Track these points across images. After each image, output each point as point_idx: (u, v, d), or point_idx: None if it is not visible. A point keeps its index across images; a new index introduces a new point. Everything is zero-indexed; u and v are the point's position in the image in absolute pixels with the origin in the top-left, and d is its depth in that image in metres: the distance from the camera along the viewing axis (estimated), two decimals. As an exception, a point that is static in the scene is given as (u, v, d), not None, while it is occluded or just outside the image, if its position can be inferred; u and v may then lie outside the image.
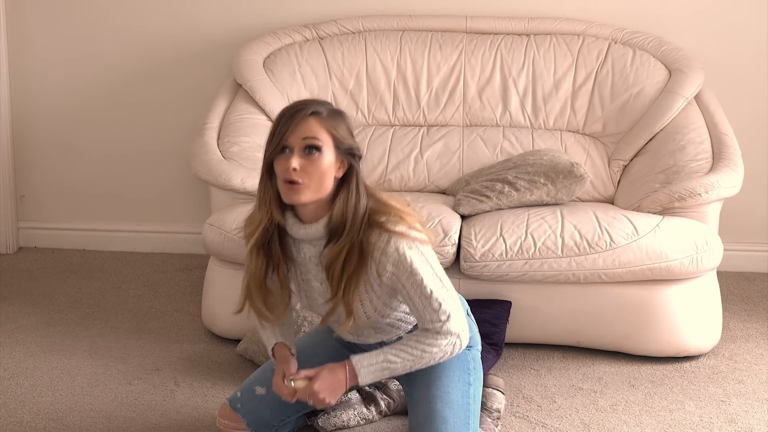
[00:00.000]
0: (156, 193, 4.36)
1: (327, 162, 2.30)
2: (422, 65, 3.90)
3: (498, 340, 3.22)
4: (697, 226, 3.26)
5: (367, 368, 2.38)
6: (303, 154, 2.29)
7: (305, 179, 2.29)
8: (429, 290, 2.34)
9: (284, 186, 2.31)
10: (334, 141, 2.32)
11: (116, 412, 2.97)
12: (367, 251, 2.33)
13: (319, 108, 2.33)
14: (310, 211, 2.36)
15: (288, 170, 2.28)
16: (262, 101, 3.79)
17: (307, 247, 2.42)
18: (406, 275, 2.33)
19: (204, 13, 4.16)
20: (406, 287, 2.35)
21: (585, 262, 3.18)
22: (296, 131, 2.29)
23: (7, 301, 3.79)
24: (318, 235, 2.37)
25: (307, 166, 2.29)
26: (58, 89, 4.29)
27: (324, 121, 2.31)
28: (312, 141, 2.29)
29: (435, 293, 2.34)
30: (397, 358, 2.38)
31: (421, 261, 2.34)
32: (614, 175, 3.73)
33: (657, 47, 3.87)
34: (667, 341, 3.27)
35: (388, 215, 2.34)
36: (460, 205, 3.43)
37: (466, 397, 2.53)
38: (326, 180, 2.31)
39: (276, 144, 2.30)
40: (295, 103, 2.35)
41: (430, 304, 2.34)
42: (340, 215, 2.33)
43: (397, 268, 2.32)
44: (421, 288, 2.33)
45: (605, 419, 2.94)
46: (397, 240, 2.32)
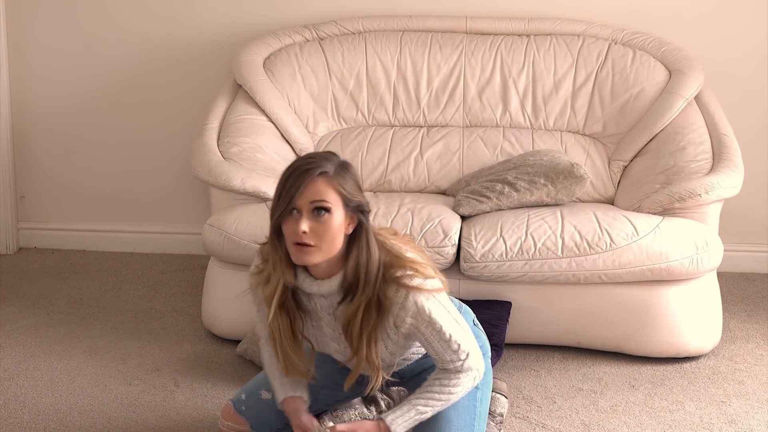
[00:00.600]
0: (156, 194, 4.35)
1: (337, 222, 2.27)
2: (422, 66, 3.90)
3: (498, 341, 3.22)
4: (697, 227, 3.26)
5: (402, 425, 2.38)
6: (312, 216, 2.26)
7: (315, 241, 2.26)
8: (448, 335, 2.35)
9: (294, 248, 2.28)
10: (343, 199, 2.29)
11: (116, 412, 2.97)
12: (385, 306, 2.33)
13: (326, 166, 2.28)
14: (322, 269, 2.34)
15: (297, 233, 2.25)
16: (262, 102, 3.78)
17: (319, 299, 2.41)
18: (425, 325, 2.34)
19: (204, 13, 4.16)
20: (425, 335, 2.36)
21: (585, 262, 3.18)
22: (304, 194, 2.25)
23: (7, 301, 3.79)
24: (332, 291, 2.36)
25: (317, 228, 2.26)
26: (59, 90, 4.29)
27: (332, 180, 2.28)
28: (321, 204, 2.26)
29: (454, 337, 2.36)
30: (427, 408, 2.39)
31: (439, 310, 2.35)
32: (614, 175, 3.73)
33: (657, 48, 3.87)
34: (668, 342, 3.27)
35: (403, 269, 2.32)
36: (460, 206, 3.43)
37: (472, 399, 2.52)
38: (337, 240, 2.29)
39: (284, 206, 2.26)
40: (301, 160, 2.31)
41: (450, 346, 2.36)
42: (353, 272, 2.32)
43: (416, 320, 2.33)
44: (441, 334, 2.35)
45: (605, 420, 2.94)
46: (414, 294, 2.31)
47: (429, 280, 2.35)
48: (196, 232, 3.93)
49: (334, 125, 3.92)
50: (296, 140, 3.80)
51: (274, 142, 3.73)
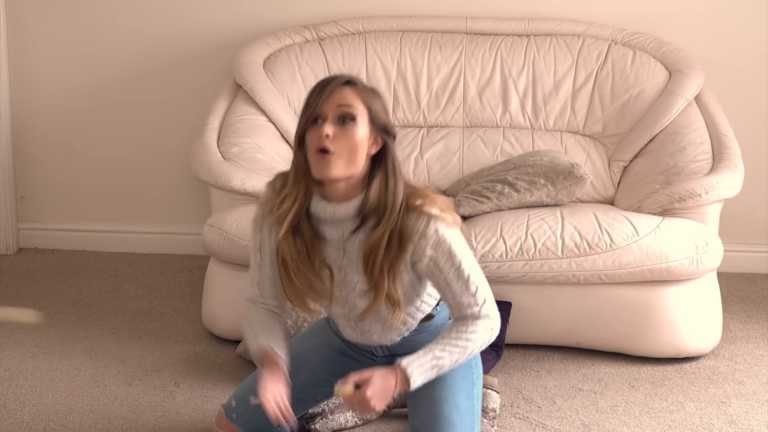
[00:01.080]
0: (156, 194, 4.35)
1: (361, 134, 2.22)
2: (422, 66, 3.90)
3: (498, 341, 3.22)
4: (697, 227, 3.26)
5: (418, 369, 2.28)
6: (337, 123, 2.21)
7: (337, 148, 2.20)
8: (467, 274, 2.27)
9: (315, 157, 2.21)
10: (369, 114, 2.25)
11: (116, 413, 2.97)
12: (406, 236, 2.24)
13: (355, 80, 2.27)
14: (340, 189, 2.26)
15: (321, 137, 2.19)
16: (262, 102, 3.78)
17: (329, 230, 2.32)
18: (446, 258, 2.26)
19: (204, 13, 4.16)
20: (444, 271, 2.27)
21: (585, 263, 3.18)
22: (330, 99, 2.22)
23: (7, 302, 3.79)
24: (347, 216, 2.28)
25: (341, 135, 2.20)
26: (59, 90, 4.29)
27: (359, 92, 2.25)
28: (347, 109, 2.22)
29: (472, 277, 2.28)
30: (444, 353, 2.29)
31: (460, 243, 2.28)
32: (614, 176, 3.73)
33: (657, 48, 3.87)
34: (668, 342, 3.27)
35: (423, 198, 2.26)
36: (460, 206, 3.43)
37: (470, 398, 2.49)
38: (359, 153, 2.23)
39: (309, 113, 2.22)
40: (329, 75, 2.30)
41: (468, 288, 2.28)
42: (376, 197, 2.25)
43: (436, 251, 2.25)
44: (460, 271, 2.27)
45: (605, 420, 2.94)
46: (436, 222, 2.24)
47: (448, 214, 2.28)
48: (196, 233, 3.93)
49: (334, 125, 3.91)
50: (296, 140, 3.79)
51: (274, 142, 3.73)
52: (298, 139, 2.26)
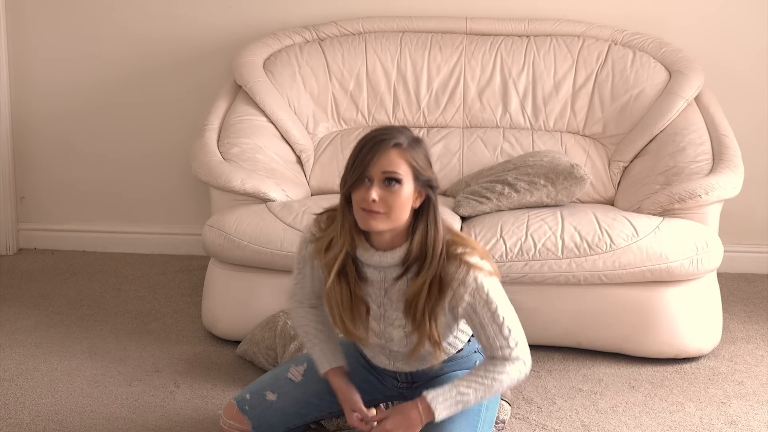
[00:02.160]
0: (156, 195, 4.35)
1: (406, 193, 2.31)
2: (422, 67, 3.90)
3: (498, 342, 3.22)
4: (697, 228, 3.26)
5: (443, 404, 2.37)
6: (383, 186, 2.30)
7: (384, 209, 2.30)
8: (502, 318, 2.37)
9: (361, 213, 2.32)
10: (414, 172, 2.33)
11: (116, 413, 2.97)
12: (446, 283, 2.35)
13: (401, 138, 2.32)
14: (386, 239, 2.38)
15: (367, 200, 2.29)
16: (262, 103, 3.78)
17: (372, 272, 2.43)
18: (482, 304, 2.35)
19: (204, 14, 4.16)
20: (480, 316, 2.37)
21: (585, 263, 3.18)
22: (378, 163, 2.30)
23: (7, 302, 3.79)
24: (393, 263, 2.39)
25: (387, 197, 2.30)
26: (59, 90, 4.29)
27: (405, 152, 2.32)
28: (393, 174, 2.30)
29: (506, 321, 2.38)
30: (469, 389, 2.38)
31: (497, 290, 2.38)
32: (614, 176, 3.73)
33: (657, 49, 3.87)
34: (668, 343, 3.27)
35: (464, 246, 2.36)
36: (460, 207, 3.43)
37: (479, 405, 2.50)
38: (404, 211, 2.33)
39: (357, 175, 2.30)
40: (376, 131, 2.35)
41: (501, 331, 2.38)
42: (419, 247, 2.35)
43: (474, 297, 2.35)
44: (495, 316, 2.36)
45: (605, 421, 2.94)
46: (475, 271, 2.34)
47: (486, 261, 2.38)
48: (196, 233, 3.93)
49: (334, 126, 3.92)
50: (296, 141, 3.80)
51: (274, 142, 3.73)
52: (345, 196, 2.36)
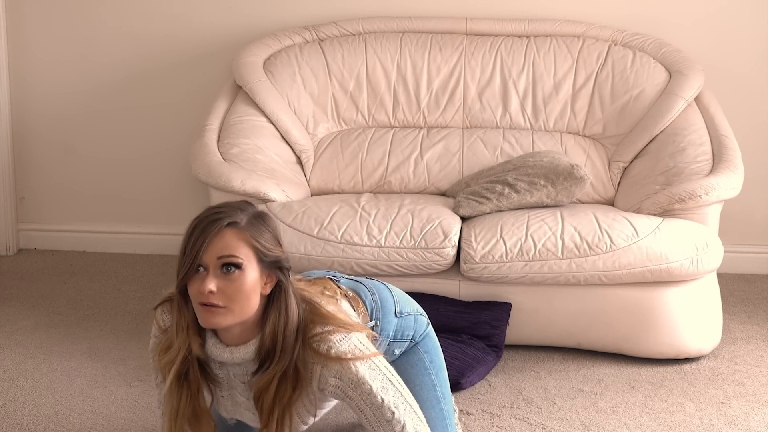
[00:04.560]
0: (156, 195, 4.36)
1: (250, 281, 2.01)
2: (422, 67, 3.90)
3: (498, 342, 3.22)
4: (697, 228, 3.26)
5: None
6: (220, 274, 2.00)
7: (225, 302, 2.00)
8: (380, 399, 2.09)
9: (201, 309, 2.01)
10: (257, 254, 2.03)
11: (116, 413, 2.97)
12: (303, 376, 2.08)
13: (237, 216, 2.04)
14: (235, 333, 2.08)
15: (203, 293, 1.98)
16: (262, 103, 3.78)
17: (232, 367, 2.15)
18: (353, 386, 2.08)
19: (204, 15, 4.16)
20: (353, 399, 2.09)
21: (585, 263, 3.18)
22: (210, 248, 1.99)
23: (6, 302, 3.79)
24: (247, 359, 2.10)
25: (227, 288, 1.99)
26: (59, 91, 4.29)
27: (243, 232, 2.02)
28: (230, 258, 1.99)
29: (386, 401, 2.10)
30: None
31: (368, 367, 2.09)
32: (614, 176, 3.73)
33: (657, 49, 3.87)
34: (668, 343, 3.27)
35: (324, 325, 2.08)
36: (460, 207, 3.43)
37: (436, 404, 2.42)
38: (251, 302, 2.03)
39: (189, 264, 1.99)
40: (208, 210, 2.06)
41: (383, 414, 2.10)
42: (271, 337, 2.06)
43: (341, 379, 2.08)
44: (371, 398, 2.08)
45: (605, 421, 2.94)
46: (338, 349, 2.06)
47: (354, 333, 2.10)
48: (196, 234, 3.92)
49: (334, 126, 3.92)
50: (296, 141, 3.80)
51: (274, 143, 3.73)
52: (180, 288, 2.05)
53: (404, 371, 2.38)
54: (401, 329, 2.43)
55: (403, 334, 2.43)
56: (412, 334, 2.45)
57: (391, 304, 2.44)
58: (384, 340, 2.40)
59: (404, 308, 2.47)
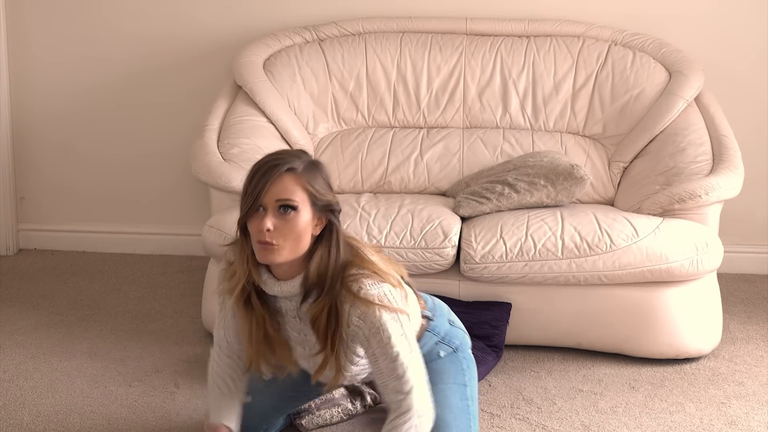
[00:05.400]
0: (156, 195, 4.36)
1: (303, 221, 2.19)
2: (422, 67, 3.90)
3: (498, 342, 3.22)
4: (697, 228, 3.26)
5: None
6: (278, 214, 2.18)
7: (280, 240, 2.18)
8: (395, 352, 2.21)
9: (258, 246, 2.20)
10: (311, 198, 2.20)
11: (116, 414, 2.97)
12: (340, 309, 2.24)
13: (295, 163, 2.21)
14: (284, 269, 2.26)
15: (261, 231, 2.17)
16: (263, 103, 3.78)
17: (283, 302, 2.34)
18: (373, 330, 2.21)
19: (204, 15, 4.16)
20: (371, 344, 2.23)
21: (585, 263, 3.18)
22: (270, 191, 2.18)
23: (6, 303, 3.79)
24: (293, 293, 2.28)
25: (282, 227, 2.18)
26: (59, 91, 4.29)
27: (300, 177, 2.20)
28: (287, 201, 2.18)
29: (402, 356, 2.21)
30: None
31: (391, 318, 2.22)
32: (614, 176, 3.73)
33: (657, 49, 3.87)
34: (668, 343, 3.27)
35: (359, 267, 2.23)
36: (460, 207, 3.43)
37: (464, 399, 2.52)
38: (303, 240, 2.21)
39: (250, 204, 2.19)
40: (268, 157, 2.24)
41: (395, 369, 2.21)
42: (315, 274, 2.23)
43: (364, 321, 2.21)
44: (387, 348, 2.21)
45: (605, 421, 2.94)
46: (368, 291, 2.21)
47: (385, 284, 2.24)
48: (196, 234, 3.92)
49: (334, 126, 3.92)
50: (296, 141, 3.80)
51: (274, 143, 3.73)
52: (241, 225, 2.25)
53: (442, 365, 2.51)
54: (450, 335, 2.59)
55: (451, 340, 2.58)
56: (458, 344, 2.60)
57: (446, 312, 2.62)
58: (434, 335, 2.54)
59: (455, 322, 2.64)
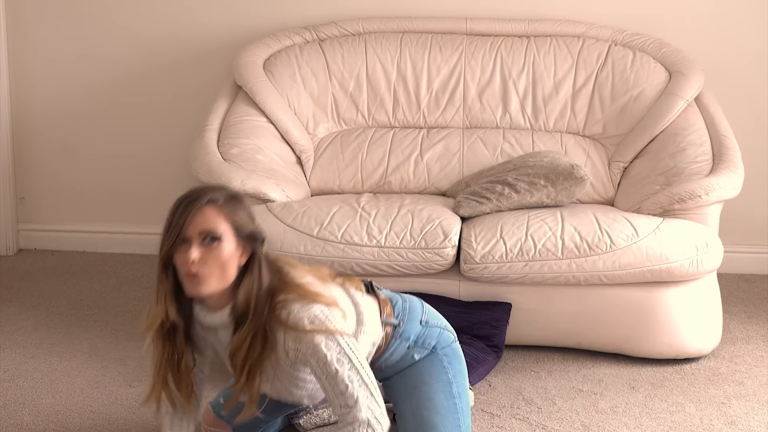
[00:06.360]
0: (156, 195, 4.35)
1: (227, 251, 2.25)
2: (422, 67, 3.90)
3: (498, 342, 3.22)
4: (697, 228, 3.26)
5: None
6: (202, 245, 2.23)
7: (206, 270, 2.23)
8: (333, 369, 2.25)
9: (187, 280, 2.25)
10: (234, 228, 2.26)
11: (116, 414, 2.97)
12: (271, 336, 2.27)
13: (215, 195, 2.27)
14: (214, 299, 2.31)
15: (187, 263, 2.22)
16: (262, 103, 3.78)
17: (220, 331, 2.37)
18: (310, 352, 2.25)
19: (204, 14, 4.16)
20: (312, 365, 2.28)
21: (585, 264, 3.18)
22: (194, 222, 2.23)
23: (6, 303, 3.79)
24: (224, 323, 2.33)
25: (207, 257, 2.23)
26: (59, 91, 4.29)
27: (221, 209, 2.26)
28: (209, 232, 2.23)
29: (340, 373, 2.25)
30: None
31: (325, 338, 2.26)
32: (614, 176, 3.73)
33: (657, 49, 3.87)
34: (668, 343, 3.27)
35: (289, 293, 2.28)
36: (460, 207, 3.43)
37: (450, 397, 2.51)
38: (228, 269, 2.26)
39: (174, 237, 2.24)
40: (189, 192, 2.30)
41: (336, 385, 2.26)
42: (243, 301, 2.28)
43: (300, 344, 2.26)
44: (326, 367, 2.26)
45: (605, 421, 2.94)
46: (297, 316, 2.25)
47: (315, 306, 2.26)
48: (196, 234, 3.93)
49: (334, 126, 3.92)
50: (296, 141, 3.80)
51: (274, 143, 3.73)
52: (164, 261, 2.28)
53: (422, 367, 2.51)
54: (423, 337, 2.58)
55: (425, 342, 2.57)
56: (434, 344, 2.59)
57: (419, 313, 2.60)
58: (404, 341, 2.56)
59: (431, 321, 2.62)
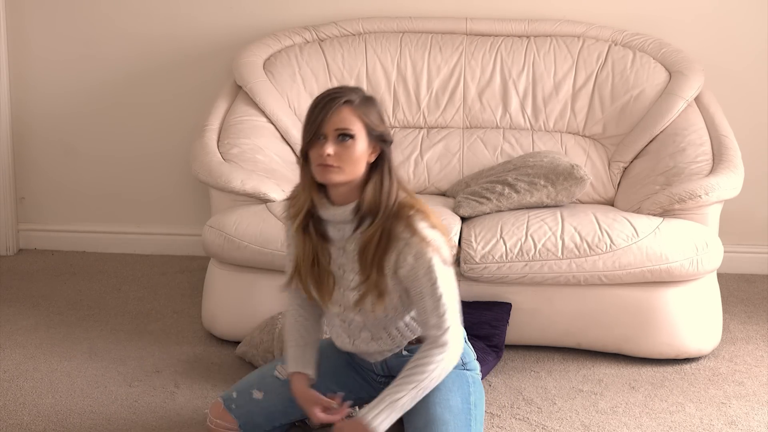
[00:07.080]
0: (156, 195, 4.36)
1: (360, 148, 2.40)
2: (422, 67, 3.90)
3: (498, 342, 3.22)
4: (697, 228, 3.26)
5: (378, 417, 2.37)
6: (337, 142, 2.39)
7: (339, 163, 2.39)
8: (440, 293, 2.40)
9: (318, 168, 2.41)
10: (366, 128, 2.42)
11: (116, 414, 2.97)
12: (393, 240, 2.41)
13: (352, 96, 2.42)
14: (341, 193, 2.45)
15: (322, 156, 2.38)
16: (262, 103, 3.79)
17: (333, 231, 2.50)
18: (424, 270, 2.39)
19: (204, 15, 4.16)
20: (420, 283, 2.41)
21: (585, 264, 3.18)
22: (330, 120, 2.39)
23: (6, 303, 3.79)
24: (345, 218, 2.46)
25: (341, 153, 2.39)
26: (59, 91, 4.29)
27: (356, 109, 2.41)
28: (345, 130, 2.39)
29: (444, 298, 2.41)
30: (400, 392, 2.39)
31: (439, 261, 2.41)
32: (614, 176, 3.73)
33: (657, 49, 3.87)
34: (668, 343, 3.27)
35: (416, 211, 2.43)
36: (460, 207, 3.43)
37: (466, 403, 2.53)
38: (359, 165, 2.41)
39: (312, 133, 2.40)
40: (327, 91, 2.44)
41: (438, 308, 2.41)
42: (371, 199, 2.43)
43: (417, 261, 2.39)
44: (434, 288, 2.40)
45: (605, 421, 2.94)
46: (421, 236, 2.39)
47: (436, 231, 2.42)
48: (196, 234, 3.93)
49: (334, 126, 3.91)
50: (296, 141, 3.80)
51: (274, 143, 3.73)
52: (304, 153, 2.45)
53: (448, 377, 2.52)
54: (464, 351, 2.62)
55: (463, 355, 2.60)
56: (468, 362, 2.64)
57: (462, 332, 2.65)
58: None
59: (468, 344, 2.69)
